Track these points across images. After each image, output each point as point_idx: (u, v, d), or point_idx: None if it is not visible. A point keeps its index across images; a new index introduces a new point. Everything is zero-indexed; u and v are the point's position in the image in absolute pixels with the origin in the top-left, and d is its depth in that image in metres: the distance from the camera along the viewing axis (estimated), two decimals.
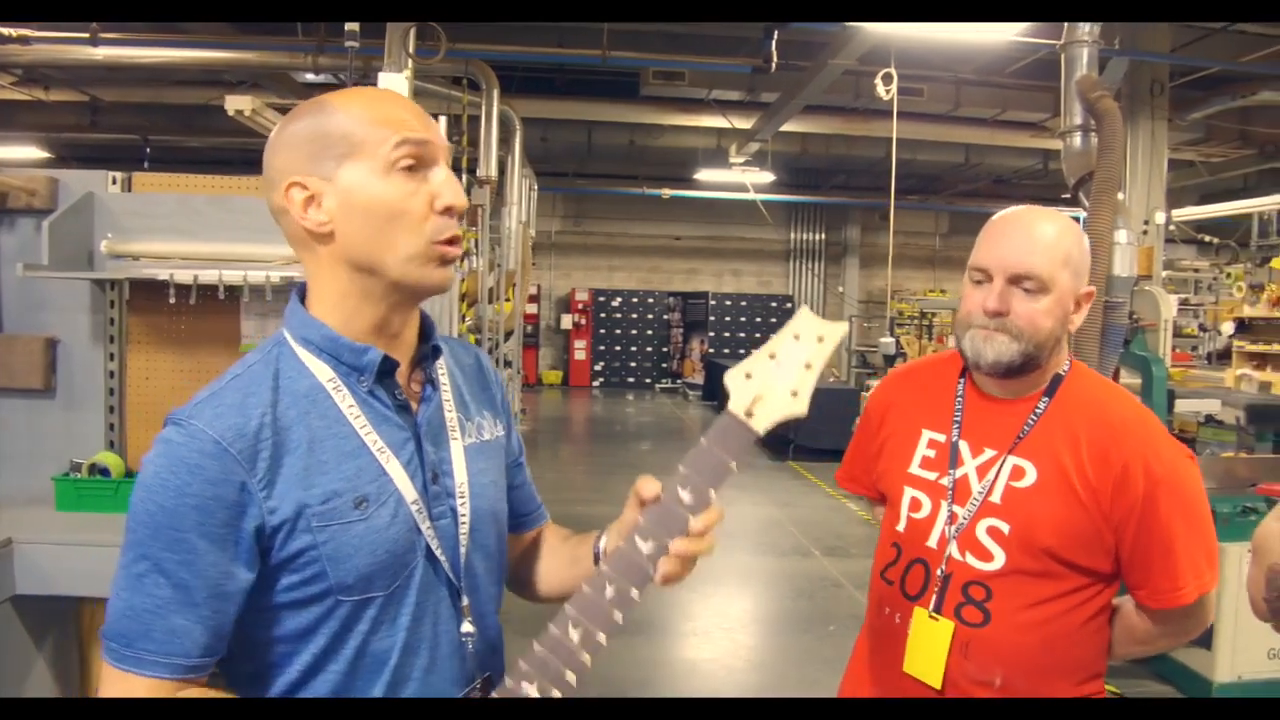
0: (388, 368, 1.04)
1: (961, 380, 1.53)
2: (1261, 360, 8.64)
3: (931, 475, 1.51)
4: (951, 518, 1.45)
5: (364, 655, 1.01)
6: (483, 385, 1.22)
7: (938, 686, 1.43)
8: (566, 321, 17.79)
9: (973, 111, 10.92)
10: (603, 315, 17.90)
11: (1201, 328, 11.03)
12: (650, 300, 18.13)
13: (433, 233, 1.02)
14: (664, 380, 18.08)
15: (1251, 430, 5.63)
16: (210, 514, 0.94)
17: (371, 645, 1.01)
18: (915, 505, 1.51)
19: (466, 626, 1.09)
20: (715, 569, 5.92)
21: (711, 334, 17.60)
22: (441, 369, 1.13)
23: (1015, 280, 1.39)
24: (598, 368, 18.07)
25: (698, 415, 14.44)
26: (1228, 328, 9.08)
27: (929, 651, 1.43)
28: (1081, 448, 1.39)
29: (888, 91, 6.73)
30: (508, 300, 9.65)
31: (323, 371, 1.02)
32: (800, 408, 0.98)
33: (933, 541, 1.47)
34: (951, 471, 1.48)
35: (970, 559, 1.42)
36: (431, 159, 1.03)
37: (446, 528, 1.07)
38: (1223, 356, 9.65)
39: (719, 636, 4.73)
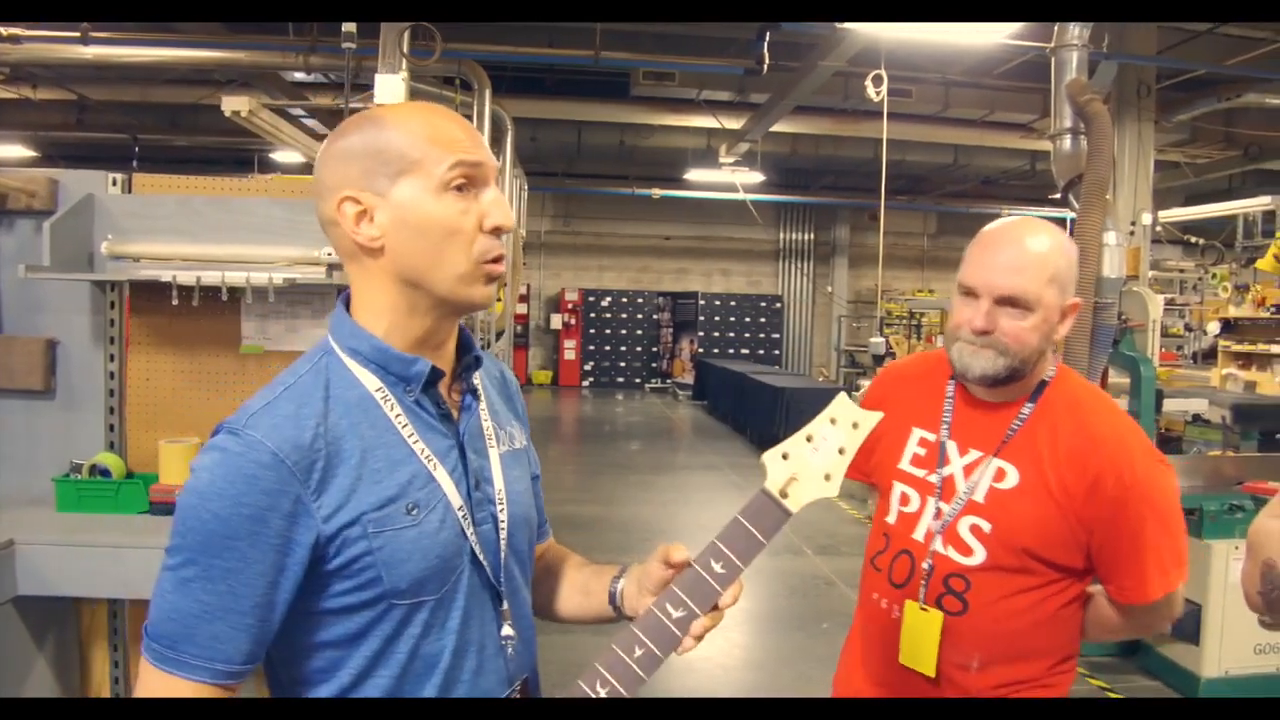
0: (434, 378, 1.07)
1: (951, 382, 1.59)
2: (1247, 360, 8.73)
3: (921, 472, 1.58)
4: (937, 514, 1.53)
5: (416, 658, 1.03)
6: (508, 397, 1.26)
7: (931, 674, 1.50)
8: (556, 321, 17.80)
9: (961, 113, 10.99)
10: (592, 315, 17.92)
11: (1187, 328, 11.12)
12: (640, 300, 18.16)
13: (480, 252, 1.05)
14: (654, 380, 18.11)
15: (1237, 429, 5.69)
16: (264, 524, 0.95)
17: (423, 649, 1.04)
18: (905, 500, 1.59)
19: (507, 630, 1.11)
20: None
21: (701, 334, 17.64)
22: (478, 379, 1.15)
23: (1002, 301, 1.44)
24: (587, 367, 18.08)
25: (687, 415, 14.48)
26: (1213, 328, 9.17)
27: (922, 642, 1.51)
28: (1060, 452, 1.46)
29: (878, 93, 6.77)
30: (498, 300, 9.65)
31: (371, 381, 1.05)
32: (832, 490, 1.07)
33: (919, 535, 1.54)
34: (939, 470, 1.55)
35: (952, 553, 1.50)
36: (483, 179, 1.06)
37: (488, 533, 1.10)
38: (1209, 356, 9.74)
39: (713, 634, 4.74)
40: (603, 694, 1.00)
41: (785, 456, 1.07)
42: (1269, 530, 0.95)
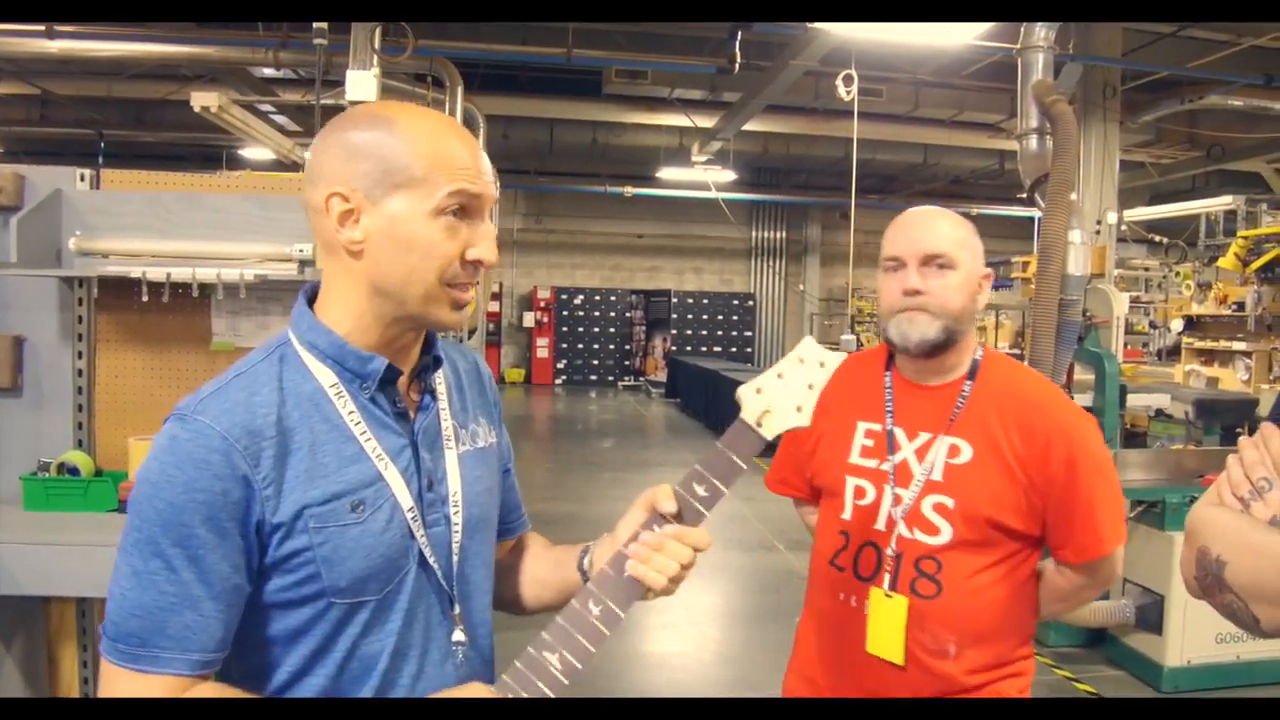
0: (390, 376, 1.06)
1: (888, 372, 1.65)
2: (1209, 356, 8.89)
3: (872, 463, 1.61)
4: (896, 500, 1.56)
5: (353, 659, 1.02)
6: (479, 390, 1.24)
7: (900, 662, 1.52)
8: (529, 319, 17.76)
9: (931, 112, 11.10)
10: (565, 313, 17.90)
11: (1152, 325, 11.30)
12: (613, 298, 18.16)
13: (453, 277, 1.04)
14: (627, 378, 18.13)
15: (1200, 424, 5.82)
16: (218, 509, 0.95)
17: (361, 649, 1.02)
18: (860, 493, 1.61)
19: (458, 635, 1.09)
20: None
21: (674, 331, 17.68)
22: (439, 378, 1.15)
23: (927, 260, 1.54)
24: (560, 365, 18.06)
25: (660, 413, 14.50)
26: (1177, 325, 9.33)
27: (888, 629, 1.53)
28: (1008, 422, 1.53)
29: (848, 92, 6.83)
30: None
31: (325, 376, 1.04)
32: (804, 420, 1.13)
33: (880, 524, 1.57)
34: (891, 457, 1.59)
35: (919, 535, 1.54)
36: (478, 210, 1.05)
37: (440, 535, 1.08)
38: (1172, 353, 9.91)
39: (687, 629, 4.79)
40: (596, 611, 1.03)
41: (759, 391, 1.13)
42: (1205, 517, 0.98)
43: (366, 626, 1.02)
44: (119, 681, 0.94)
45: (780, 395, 1.13)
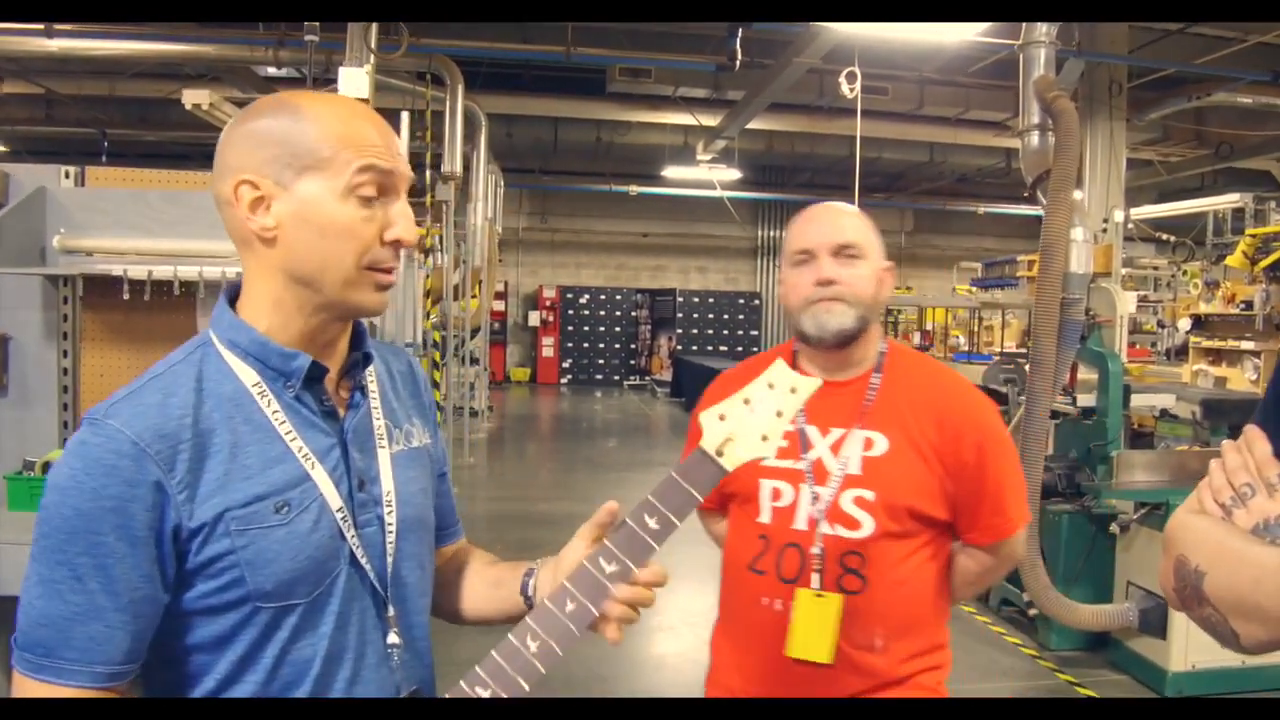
0: (316, 374, 1.03)
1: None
2: (1217, 356, 8.80)
3: (786, 463, 1.58)
4: (815, 498, 1.55)
5: (283, 664, 0.99)
6: (413, 391, 1.20)
7: (828, 660, 1.50)
8: (534, 319, 17.75)
9: (936, 110, 11.04)
10: (570, 312, 17.88)
11: (1160, 324, 11.22)
12: (618, 297, 18.13)
13: (373, 261, 1.01)
14: (632, 377, 18.10)
15: (1207, 425, 5.73)
16: (129, 516, 0.92)
17: (291, 654, 0.99)
18: (776, 495, 1.59)
19: (393, 638, 1.06)
20: (677, 564, 5.92)
21: (679, 331, 17.64)
22: (370, 376, 1.11)
23: (838, 251, 1.57)
24: (566, 365, 18.04)
25: (665, 412, 14.47)
26: (1184, 324, 9.24)
27: (818, 629, 1.50)
28: (920, 412, 1.56)
29: (852, 90, 6.78)
30: (474, 297, 9.61)
31: (248, 375, 1.01)
32: (768, 450, 1.05)
33: (800, 524, 1.55)
34: (805, 455, 1.57)
35: (841, 530, 1.53)
36: (393, 189, 1.03)
37: (373, 536, 1.05)
38: (1180, 352, 9.83)
39: (684, 631, 4.74)
40: (533, 647, 0.97)
41: (722, 418, 1.06)
42: (1184, 524, 0.93)
43: (296, 631, 0.99)
44: (26, 692, 0.92)
45: (745, 423, 1.06)
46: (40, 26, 6.95)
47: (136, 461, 0.92)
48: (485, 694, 0.96)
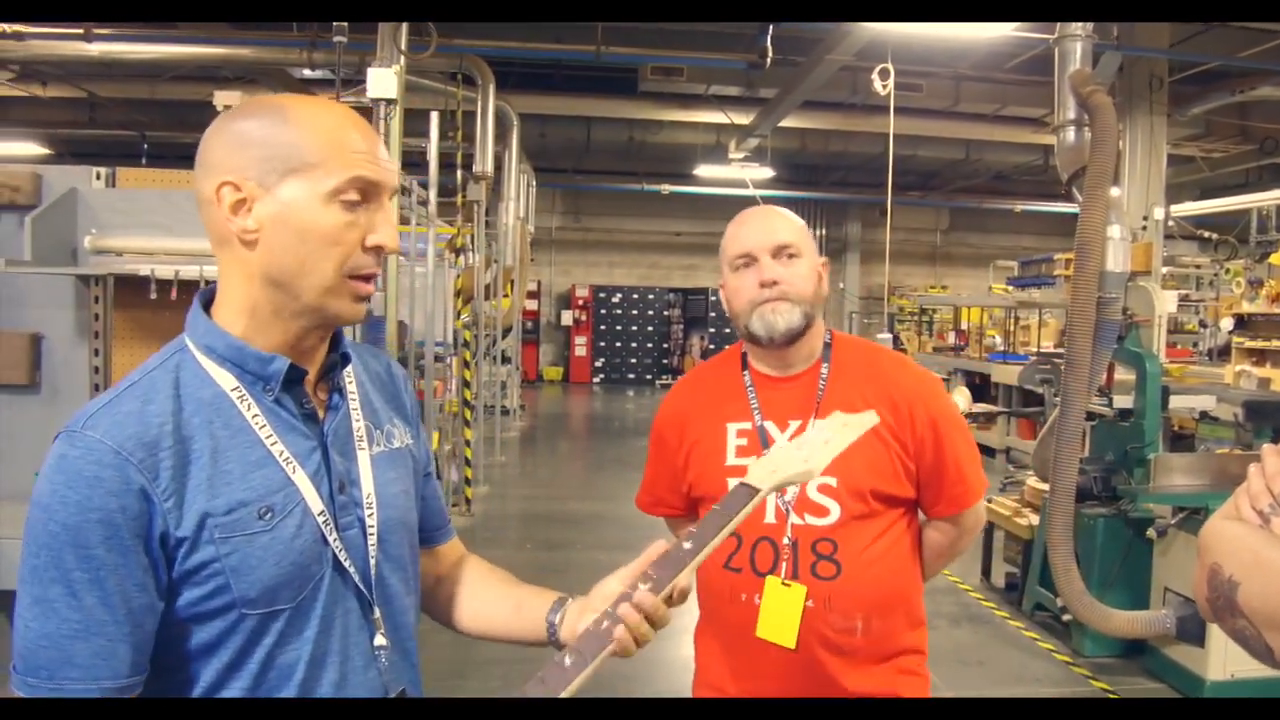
0: (295, 376, 1.02)
1: (745, 372, 1.70)
2: (1261, 356, 8.61)
3: (749, 460, 1.56)
4: (781, 491, 1.52)
5: (270, 669, 0.98)
6: (393, 393, 1.19)
7: (792, 645, 1.54)
8: (567, 318, 17.78)
9: (972, 107, 10.90)
10: (603, 312, 17.89)
11: (1202, 324, 11.00)
12: (650, 297, 18.12)
13: (353, 265, 1.00)
14: (664, 376, 18.06)
15: (1249, 427, 5.59)
16: (116, 526, 0.90)
17: (278, 659, 0.98)
18: None
19: (380, 639, 1.06)
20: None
21: (712, 330, 17.58)
22: (349, 377, 1.10)
23: (777, 252, 1.60)
24: (598, 364, 18.06)
25: None
26: (1227, 324, 9.05)
27: (782, 615, 1.55)
28: (870, 398, 1.59)
29: (885, 87, 6.70)
30: (506, 296, 9.64)
31: (226, 380, 1.00)
32: (810, 475, 1.12)
33: (770, 518, 1.58)
34: (766, 451, 1.54)
35: (810, 519, 1.57)
36: (377, 195, 1.02)
37: (354, 538, 1.04)
38: (1223, 353, 9.63)
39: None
40: (567, 663, 0.98)
41: (773, 471, 1.10)
42: (1219, 532, 0.89)
43: (282, 636, 0.98)
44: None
45: (791, 455, 1.12)
46: (80, 30, 7.08)
47: (120, 471, 0.91)
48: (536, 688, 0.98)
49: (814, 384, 1.63)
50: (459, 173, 7.47)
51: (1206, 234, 9.24)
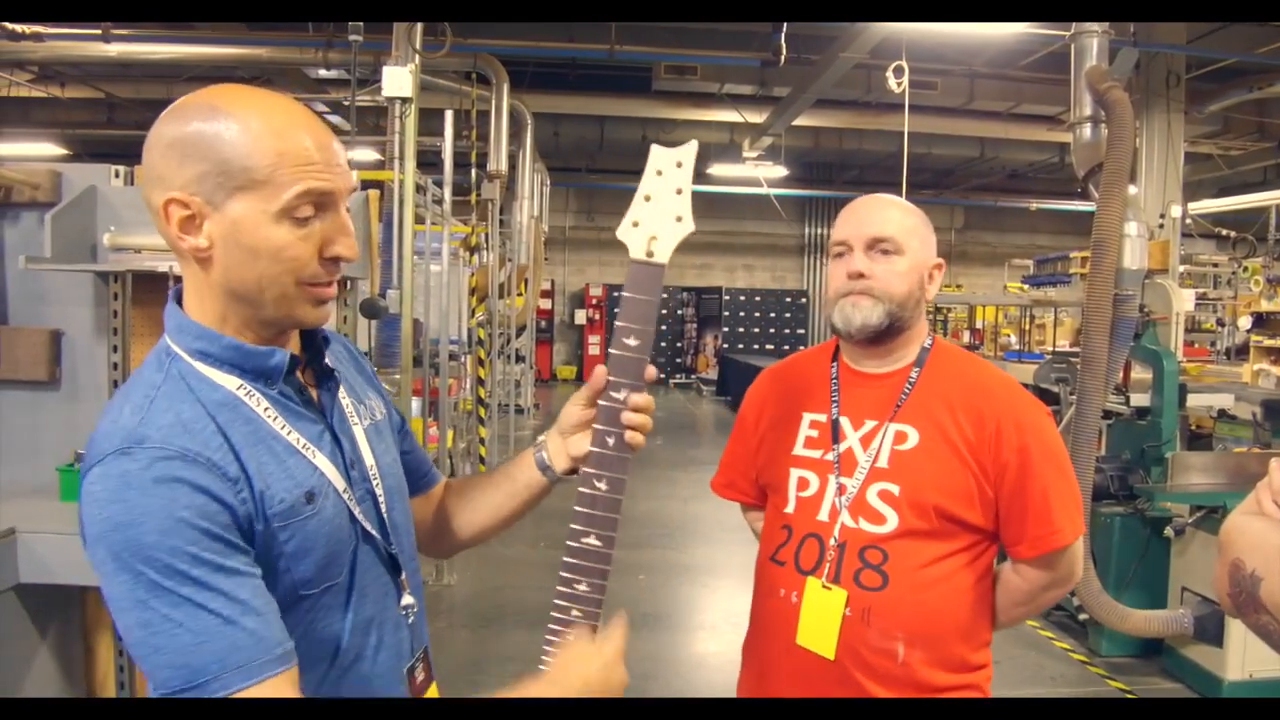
0: (293, 367, 1.04)
1: (834, 364, 1.62)
2: (1279, 355, 8.54)
3: (816, 453, 1.56)
4: (840, 489, 1.51)
5: (321, 642, 1.01)
6: (359, 366, 1.22)
7: (831, 656, 1.46)
8: (580, 317, 17.80)
9: (987, 105, 10.85)
10: (617, 310, 17.80)
11: (1220, 322, 10.92)
12: (664, 296, 18.04)
13: (311, 277, 1.00)
14: (678, 375, 18.07)
15: (1267, 426, 5.56)
16: (212, 515, 0.90)
17: (327, 631, 1.02)
18: (803, 484, 1.56)
19: (406, 599, 1.11)
20: (722, 564, 5.92)
21: (725, 329, 17.57)
22: (331, 358, 1.12)
23: (872, 245, 1.52)
24: None
25: (710, 411, 14.43)
26: (1245, 322, 8.99)
27: (822, 621, 1.47)
28: (957, 410, 1.49)
29: (899, 85, 6.67)
30: (519, 295, 9.66)
31: (229, 381, 0.99)
32: (688, 227, 1.14)
33: (823, 515, 1.51)
34: (835, 446, 1.54)
35: (864, 524, 1.48)
36: (331, 204, 0.99)
37: (369, 510, 1.08)
38: (1241, 352, 9.56)
39: (726, 630, 4.72)
40: (603, 486, 1.09)
41: (635, 224, 1.13)
42: (1240, 527, 0.89)
43: (330, 609, 1.02)
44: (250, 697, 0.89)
45: (656, 215, 1.12)
46: (98, 32, 7.13)
47: (191, 470, 0.90)
48: (591, 540, 1.08)
49: (900, 386, 1.54)
50: (473, 172, 7.49)
51: (1224, 232, 9.17)
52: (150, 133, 0.97)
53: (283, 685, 0.90)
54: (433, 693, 1.16)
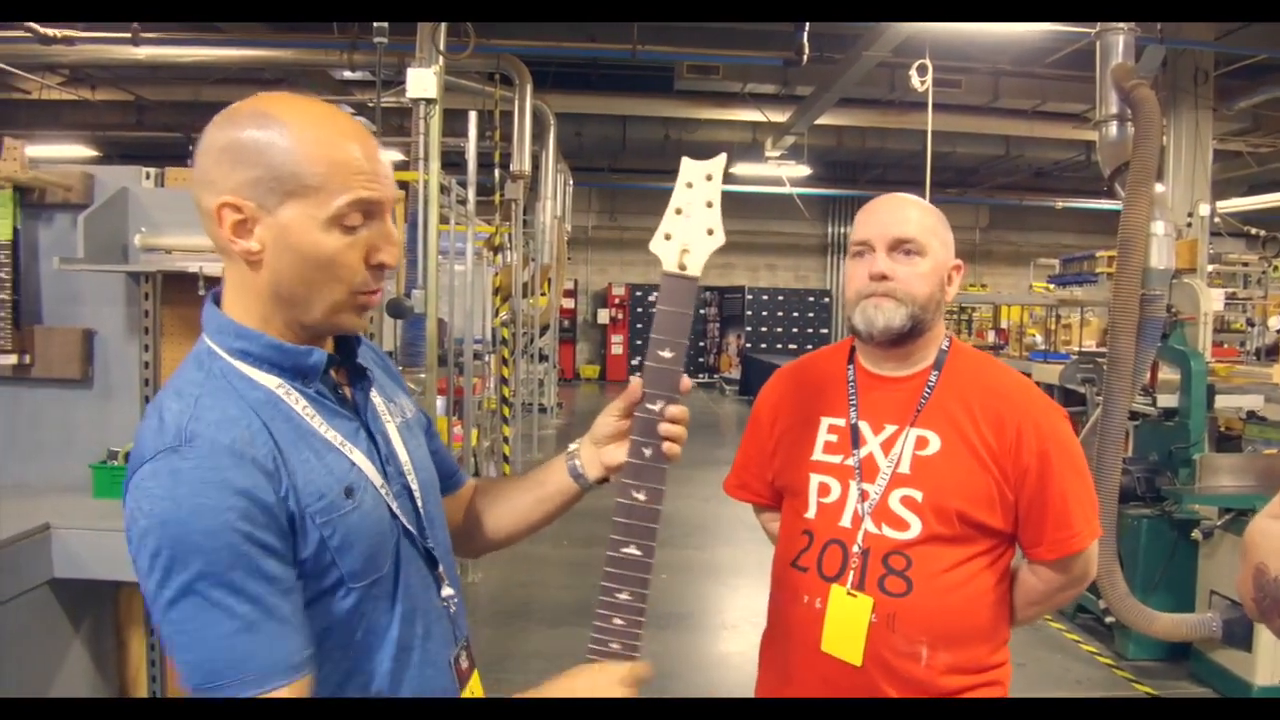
0: (330, 366, 1.07)
1: (850, 366, 1.60)
2: None
3: (836, 459, 1.55)
4: (862, 495, 1.50)
5: (370, 634, 1.04)
6: (386, 369, 1.24)
7: (858, 663, 1.46)
8: (603, 316, 17.82)
9: (1012, 103, 10.76)
10: (639, 310, 17.89)
11: (1249, 323, 10.77)
12: None
13: (359, 285, 1.03)
14: (700, 375, 18.05)
15: None
16: (254, 518, 0.92)
17: (376, 624, 1.04)
18: (824, 490, 1.55)
19: (447, 590, 1.14)
20: (743, 563, 5.91)
21: (748, 329, 17.54)
22: (362, 358, 1.14)
23: (894, 246, 1.51)
24: (634, 362, 18.05)
25: (733, 410, 14.40)
26: (1275, 322, 8.87)
27: (848, 628, 1.46)
28: (976, 414, 1.49)
29: (923, 84, 6.64)
30: (543, 294, 9.69)
31: (268, 380, 1.02)
32: (719, 239, 1.15)
33: (846, 521, 1.51)
34: (856, 452, 1.53)
35: (887, 530, 1.47)
36: (379, 212, 1.02)
37: (406, 505, 1.10)
38: (1271, 352, 9.43)
39: (747, 630, 4.72)
40: (642, 496, 1.12)
41: (668, 237, 1.13)
42: (1264, 530, 0.88)
43: (378, 601, 1.04)
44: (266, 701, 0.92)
45: (687, 228, 1.13)
46: (127, 35, 7.23)
47: (241, 468, 0.93)
48: (631, 550, 1.11)
49: (919, 390, 1.53)
50: (497, 172, 7.52)
51: (1254, 231, 9.04)
52: (202, 138, 1.00)
53: (293, 695, 0.93)
54: (475, 681, 1.18)
